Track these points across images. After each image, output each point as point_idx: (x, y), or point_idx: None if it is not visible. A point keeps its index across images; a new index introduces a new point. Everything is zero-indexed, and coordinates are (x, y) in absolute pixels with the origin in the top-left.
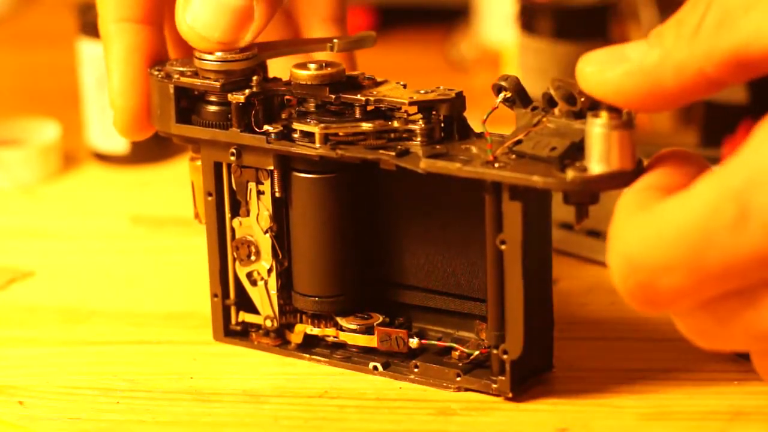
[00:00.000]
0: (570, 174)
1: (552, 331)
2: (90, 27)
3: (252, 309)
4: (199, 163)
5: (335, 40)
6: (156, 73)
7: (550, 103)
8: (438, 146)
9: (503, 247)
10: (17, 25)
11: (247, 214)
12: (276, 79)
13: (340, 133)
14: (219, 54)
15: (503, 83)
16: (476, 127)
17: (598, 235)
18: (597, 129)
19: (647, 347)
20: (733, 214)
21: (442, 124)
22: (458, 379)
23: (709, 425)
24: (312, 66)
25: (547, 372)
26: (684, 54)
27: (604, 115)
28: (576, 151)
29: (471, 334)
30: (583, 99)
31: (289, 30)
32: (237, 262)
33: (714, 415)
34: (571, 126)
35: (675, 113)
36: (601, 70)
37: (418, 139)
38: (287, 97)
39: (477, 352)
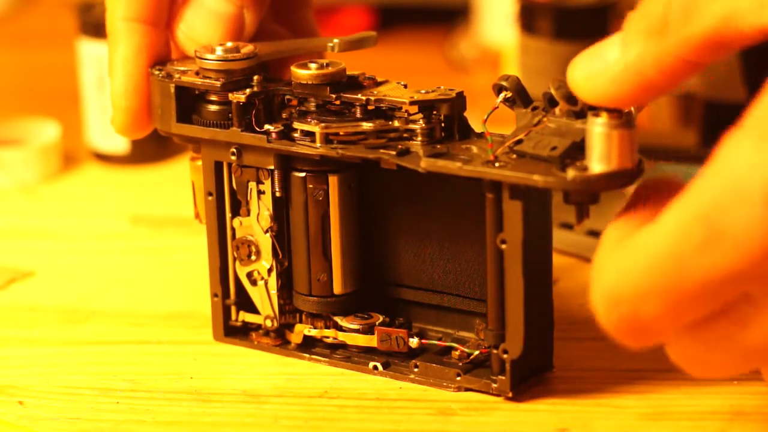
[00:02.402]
0: (571, 173)
1: (552, 331)
2: (90, 27)
3: (252, 309)
4: (199, 162)
5: (336, 41)
6: (157, 72)
7: (550, 102)
8: (438, 146)
9: (503, 246)
10: (17, 25)
11: (248, 214)
12: (277, 79)
13: (341, 133)
14: (220, 53)
15: (504, 83)
16: (476, 127)
17: (598, 235)
18: (597, 128)
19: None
20: (702, 236)
21: (443, 124)
22: (458, 378)
23: (709, 425)
24: (313, 65)
25: (547, 372)
26: (660, 48)
27: (604, 114)
28: (577, 150)
29: (471, 334)
30: None
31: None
32: (237, 262)
33: (714, 415)
34: (571, 125)
35: (675, 113)
36: (588, 78)
37: (419, 138)
38: (288, 96)
39: (477, 352)
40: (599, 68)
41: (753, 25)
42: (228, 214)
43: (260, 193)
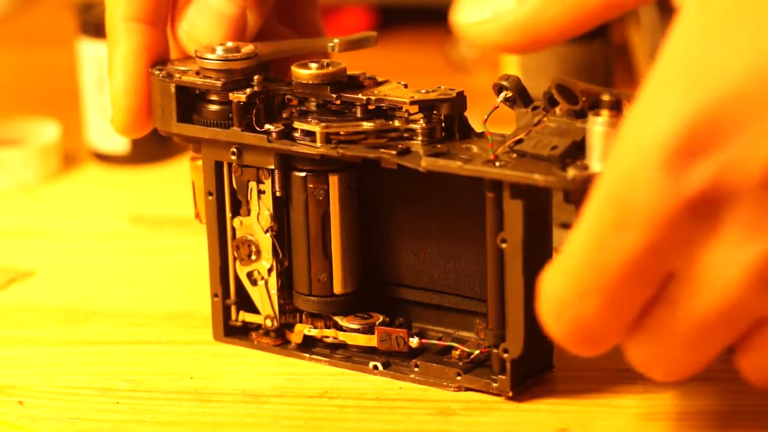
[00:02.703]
0: (571, 172)
1: None
2: (90, 27)
3: (252, 309)
4: (199, 162)
5: (336, 41)
6: (157, 72)
7: (551, 102)
8: (439, 145)
9: (504, 245)
10: (17, 25)
11: (248, 214)
12: (277, 79)
13: (342, 132)
14: (220, 53)
15: (504, 82)
16: (477, 127)
17: None
18: (598, 128)
19: None
20: (615, 216)
21: (443, 124)
22: (459, 378)
23: (709, 425)
24: (313, 65)
25: (547, 372)
26: (559, 7)
27: (605, 113)
28: (577, 150)
29: (471, 334)
30: (584, 98)
31: None
32: (237, 262)
33: (714, 415)
34: (572, 125)
35: None
36: (476, 24)
37: (419, 138)
38: (288, 96)
39: (477, 352)
40: (488, 16)
41: None
42: (228, 214)
43: (260, 192)
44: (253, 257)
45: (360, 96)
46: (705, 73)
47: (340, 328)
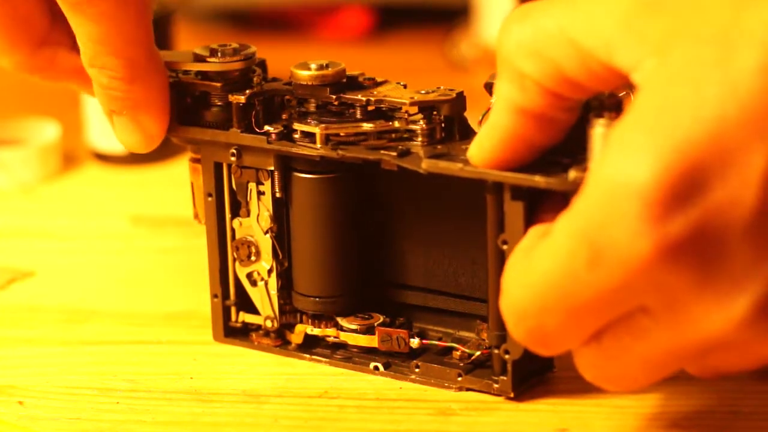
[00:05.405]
0: (572, 174)
1: None
2: None
3: (252, 309)
4: (199, 163)
5: None
6: None
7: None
8: (439, 146)
9: (505, 247)
10: None
11: (248, 215)
12: (276, 80)
13: (341, 134)
14: (219, 55)
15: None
16: (475, 127)
17: None
18: (599, 129)
19: None
20: (587, 255)
21: (443, 124)
22: (459, 379)
23: (709, 425)
24: (313, 66)
25: (548, 372)
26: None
27: (606, 115)
28: (578, 150)
29: (471, 334)
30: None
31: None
32: (237, 263)
33: (714, 415)
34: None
35: None
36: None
37: (419, 139)
38: (287, 97)
39: (478, 353)
40: (480, 136)
41: (577, 71)
42: (228, 215)
43: (260, 193)
44: (253, 258)
45: (359, 97)
46: (676, 119)
47: (341, 329)
